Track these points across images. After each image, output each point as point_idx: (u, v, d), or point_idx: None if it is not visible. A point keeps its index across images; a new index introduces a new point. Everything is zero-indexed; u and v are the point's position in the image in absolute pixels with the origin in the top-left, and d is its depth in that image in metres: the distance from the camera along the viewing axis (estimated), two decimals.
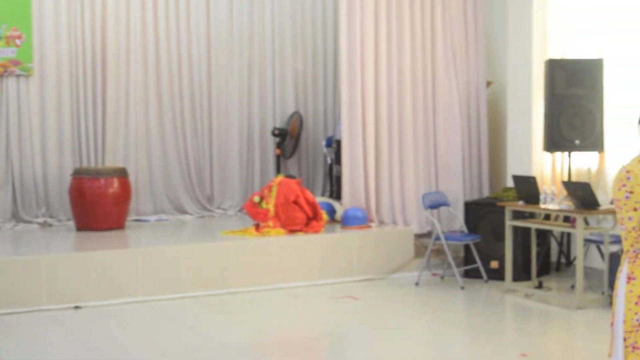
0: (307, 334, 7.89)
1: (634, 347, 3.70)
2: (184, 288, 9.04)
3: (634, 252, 3.76)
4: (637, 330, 3.71)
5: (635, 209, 3.71)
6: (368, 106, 10.53)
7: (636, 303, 3.72)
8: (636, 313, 3.72)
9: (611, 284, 8.51)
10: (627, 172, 3.74)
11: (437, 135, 10.98)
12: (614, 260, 8.49)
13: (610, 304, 8.48)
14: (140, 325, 8.01)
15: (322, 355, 7.42)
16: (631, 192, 3.72)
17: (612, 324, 3.88)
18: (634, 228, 3.71)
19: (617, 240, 8.86)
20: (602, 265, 8.96)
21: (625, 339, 3.73)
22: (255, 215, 10.11)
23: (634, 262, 3.76)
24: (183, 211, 12.04)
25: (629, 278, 3.76)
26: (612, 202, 8.99)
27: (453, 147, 10.96)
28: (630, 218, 3.72)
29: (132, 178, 11.27)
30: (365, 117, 10.53)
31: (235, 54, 12.38)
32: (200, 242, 9.76)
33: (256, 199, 10.16)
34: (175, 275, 9.02)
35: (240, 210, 12.13)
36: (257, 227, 10.05)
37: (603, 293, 8.64)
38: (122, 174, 10.74)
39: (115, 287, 8.75)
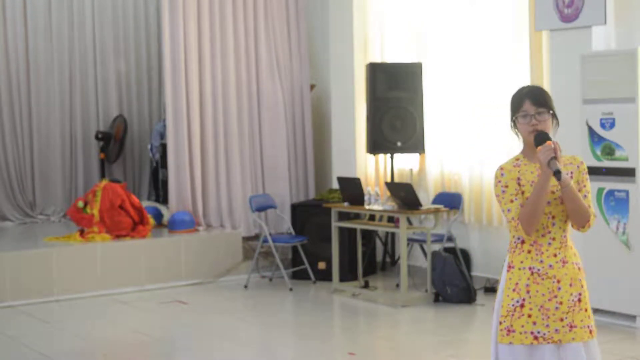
0: (136, 341, 7.78)
1: (508, 330, 4.00)
2: (4, 297, 8.75)
3: (514, 242, 4.08)
4: (512, 315, 4.00)
5: (511, 201, 4.03)
6: (193, 109, 10.47)
7: (513, 290, 4.02)
8: (512, 299, 4.02)
9: (434, 282, 8.78)
10: (502, 169, 4.09)
11: (262, 138, 11.03)
12: (436, 259, 8.76)
13: (434, 300, 8.81)
14: None
15: None
16: (506, 187, 4.05)
17: (494, 310, 4.17)
18: (513, 219, 4.01)
19: (438, 239, 9.14)
20: (425, 263, 9.22)
21: (500, 323, 4.02)
22: (80, 220, 9.90)
23: (514, 252, 4.08)
24: (3, 218, 11.66)
25: (509, 267, 4.08)
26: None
27: (279, 149, 11.04)
28: (509, 210, 4.03)
29: None
30: (190, 120, 10.46)
31: (55, 57, 12.05)
32: (22, 250, 9.45)
33: (80, 204, 9.96)
34: None
35: (64, 216, 11.83)
36: (82, 232, 9.84)
37: (426, 291, 8.88)
38: None
39: None
